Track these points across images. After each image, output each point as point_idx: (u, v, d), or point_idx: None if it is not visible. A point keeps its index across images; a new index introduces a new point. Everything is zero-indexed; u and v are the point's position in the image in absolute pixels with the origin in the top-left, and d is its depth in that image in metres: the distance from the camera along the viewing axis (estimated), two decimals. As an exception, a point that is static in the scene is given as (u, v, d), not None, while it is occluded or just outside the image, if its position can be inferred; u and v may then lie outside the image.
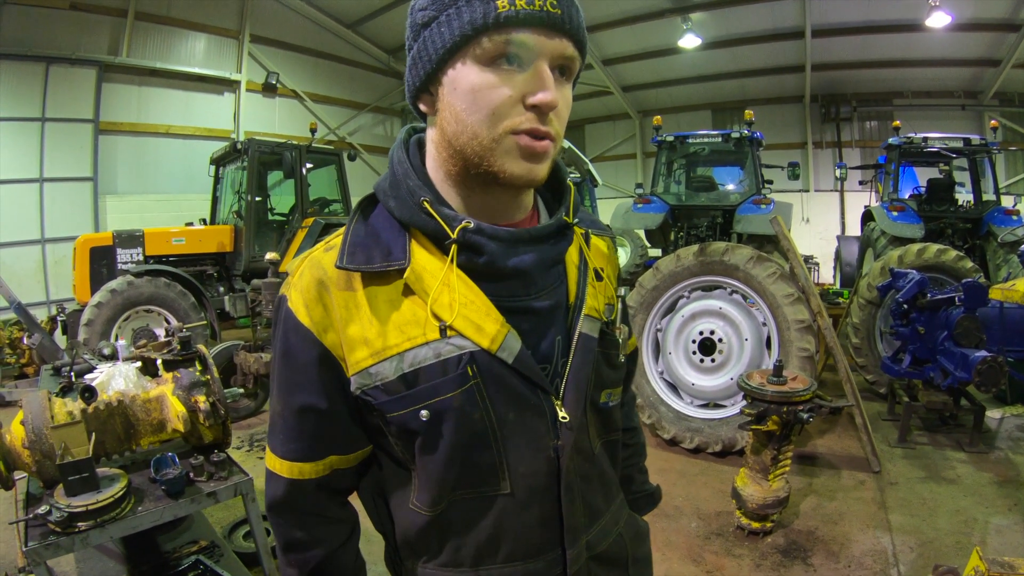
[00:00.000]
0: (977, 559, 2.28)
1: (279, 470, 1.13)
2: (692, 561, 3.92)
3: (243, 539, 3.97)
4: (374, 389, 1.03)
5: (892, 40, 13.66)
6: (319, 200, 10.73)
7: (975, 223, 8.95)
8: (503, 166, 0.97)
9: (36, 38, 10.84)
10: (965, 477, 5.04)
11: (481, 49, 0.92)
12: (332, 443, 1.11)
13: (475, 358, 1.01)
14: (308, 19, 15.53)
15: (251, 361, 6.06)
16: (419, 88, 1.04)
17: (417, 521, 1.10)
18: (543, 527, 1.11)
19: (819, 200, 16.75)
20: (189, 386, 2.76)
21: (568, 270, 1.15)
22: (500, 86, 0.93)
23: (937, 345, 5.67)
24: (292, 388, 1.08)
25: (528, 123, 0.95)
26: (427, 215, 1.02)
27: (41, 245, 11.14)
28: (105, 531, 2.31)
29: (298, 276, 1.07)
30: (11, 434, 2.39)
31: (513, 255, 1.03)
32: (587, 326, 1.12)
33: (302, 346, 1.05)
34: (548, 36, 0.93)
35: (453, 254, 1.01)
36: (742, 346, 5.48)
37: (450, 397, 1.01)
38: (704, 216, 9.28)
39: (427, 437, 1.03)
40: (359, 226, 1.08)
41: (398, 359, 1.01)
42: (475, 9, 0.91)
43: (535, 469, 1.08)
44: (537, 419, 1.07)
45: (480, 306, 1.02)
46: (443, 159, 1.05)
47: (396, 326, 1.02)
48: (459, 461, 1.04)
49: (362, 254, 1.03)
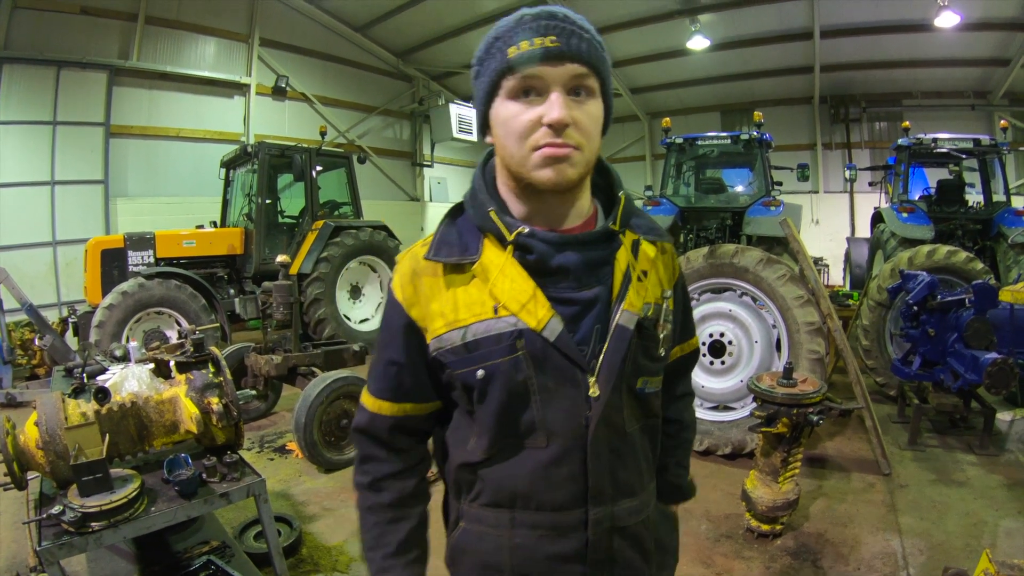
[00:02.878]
0: (987, 562, 2.28)
1: (367, 404, 1.46)
2: (702, 563, 3.91)
3: (254, 540, 3.99)
4: (445, 351, 1.32)
5: (901, 40, 13.58)
6: (329, 203, 10.78)
7: (985, 224, 8.90)
8: (534, 175, 1.22)
9: (47, 42, 10.90)
10: (975, 480, 5.02)
11: (507, 88, 1.20)
12: (408, 392, 1.41)
13: (523, 334, 1.26)
14: (317, 22, 15.55)
15: (262, 363, 6.07)
16: (483, 124, 1.32)
17: (471, 462, 1.36)
18: (571, 484, 1.32)
19: (828, 201, 16.69)
20: (202, 388, 2.78)
21: (615, 270, 1.34)
22: (522, 113, 1.19)
23: (947, 347, 5.64)
24: (385, 346, 1.41)
25: (544, 139, 1.18)
26: (491, 222, 1.29)
27: (52, 247, 11.19)
28: (118, 531, 2.33)
29: (400, 265, 1.39)
30: (25, 435, 2.41)
31: (559, 255, 1.28)
32: (624, 319, 1.31)
33: (395, 316, 1.38)
34: (554, 66, 1.17)
35: (509, 251, 1.28)
36: (752, 348, 5.48)
37: (500, 362, 1.27)
38: (713, 218, 9.26)
39: (480, 392, 1.30)
40: (447, 227, 1.38)
41: (464, 330, 1.30)
42: (496, 59, 1.20)
43: (567, 432, 1.30)
44: (572, 390, 1.29)
45: (531, 294, 1.26)
46: (504, 177, 1.34)
47: (465, 305, 1.30)
48: (505, 414, 1.30)
49: (445, 250, 1.33)
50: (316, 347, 6.57)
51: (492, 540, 1.37)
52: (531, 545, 1.34)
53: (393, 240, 10.76)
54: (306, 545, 4.15)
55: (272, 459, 5.78)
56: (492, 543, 1.37)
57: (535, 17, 1.18)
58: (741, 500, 4.25)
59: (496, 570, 1.38)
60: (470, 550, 1.41)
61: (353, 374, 5.58)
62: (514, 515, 1.35)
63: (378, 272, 10.82)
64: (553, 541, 1.34)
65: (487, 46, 1.24)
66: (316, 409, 5.20)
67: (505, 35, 1.20)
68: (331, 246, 9.69)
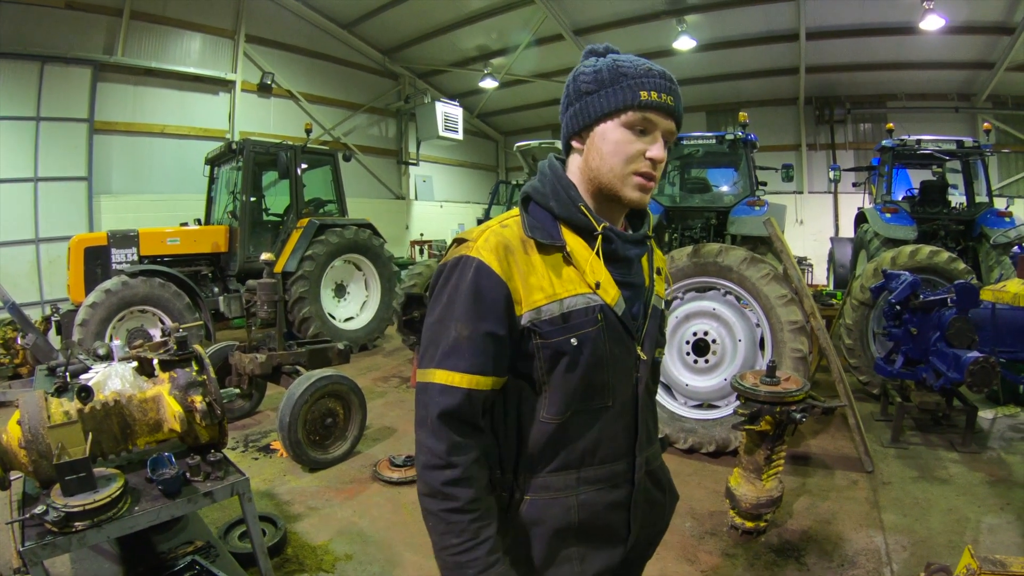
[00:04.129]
0: (969, 557, 2.30)
1: (458, 382, 1.44)
2: (686, 561, 3.93)
3: (239, 539, 3.97)
4: (542, 321, 1.47)
5: (886, 43, 13.70)
6: (314, 200, 10.75)
7: (968, 225, 9.00)
8: (625, 193, 1.50)
9: (31, 37, 10.81)
10: (957, 477, 5.07)
11: (626, 118, 1.46)
12: (500, 364, 1.48)
13: (603, 309, 1.52)
14: (304, 19, 15.51)
15: (246, 362, 6.04)
16: (575, 132, 1.55)
17: (545, 431, 1.52)
18: (626, 435, 1.61)
19: (813, 202, 16.83)
20: (186, 386, 2.76)
21: (643, 265, 1.68)
22: (634, 143, 1.47)
23: (930, 346, 5.70)
24: (481, 317, 1.44)
25: (645, 168, 1.48)
26: (582, 215, 1.53)
27: (35, 245, 11.09)
28: (102, 531, 2.31)
29: (483, 241, 1.49)
30: (7, 434, 2.39)
31: (627, 248, 1.59)
32: (656, 301, 1.67)
33: (492, 288, 1.45)
34: (664, 118, 1.48)
35: (599, 242, 1.53)
36: (735, 347, 5.51)
37: (590, 331, 1.50)
38: (698, 217, 9.29)
39: (572, 357, 1.48)
40: (528, 216, 1.56)
41: (560, 303, 1.48)
42: (627, 94, 1.44)
43: (625, 390, 1.59)
44: (628, 356, 1.58)
45: (607, 276, 1.54)
46: (583, 180, 1.57)
47: (561, 281, 1.50)
48: (587, 378, 1.51)
49: (538, 232, 1.52)
50: (300, 346, 6.54)
51: (561, 503, 1.54)
52: (593, 500, 1.56)
53: (378, 238, 10.76)
54: (291, 544, 4.13)
55: (256, 458, 5.75)
56: (560, 506, 1.53)
57: (661, 75, 1.47)
58: (725, 498, 4.27)
59: (565, 531, 1.54)
60: (541, 519, 1.54)
61: (337, 373, 5.56)
62: (580, 474, 1.55)
63: (363, 270, 10.81)
64: (610, 491, 1.58)
65: (613, 76, 1.47)
66: (300, 408, 5.18)
67: (636, 77, 1.45)
68: (316, 244, 9.67)
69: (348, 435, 5.69)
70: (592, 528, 1.56)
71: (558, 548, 1.55)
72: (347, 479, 5.27)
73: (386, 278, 10.90)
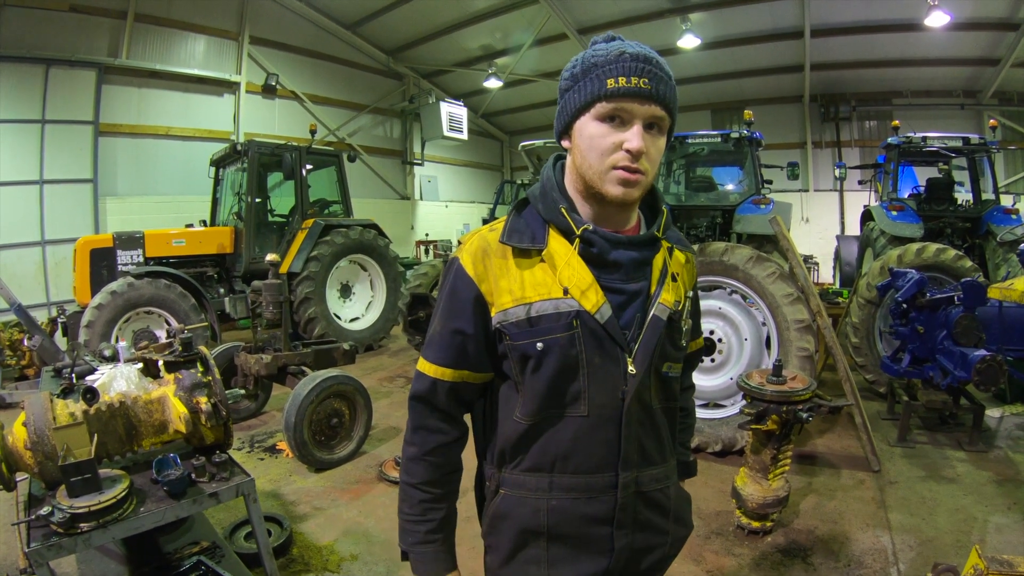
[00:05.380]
0: (976, 557, 2.29)
1: (427, 371, 1.59)
2: (692, 560, 3.93)
3: (244, 540, 3.98)
4: (509, 324, 1.49)
5: (891, 40, 13.63)
6: (319, 201, 10.76)
7: (974, 222, 8.96)
8: (606, 188, 1.43)
9: (36, 40, 10.83)
10: (964, 476, 5.05)
11: (598, 110, 1.40)
12: (468, 360, 1.56)
13: (580, 315, 1.46)
14: (308, 20, 15.52)
15: (252, 362, 6.04)
16: (563, 130, 1.52)
17: (517, 429, 1.53)
18: (605, 449, 1.52)
19: (818, 200, 16.76)
20: (191, 387, 2.77)
21: (653, 269, 1.57)
22: (607, 135, 1.40)
23: (936, 344, 5.68)
24: (452, 316, 1.54)
25: (623, 161, 1.39)
26: (562, 217, 1.50)
27: (41, 247, 11.12)
28: (107, 532, 2.32)
29: (469, 244, 1.56)
30: (13, 435, 2.40)
31: (615, 251, 1.50)
32: (658, 310, 1.54)
33: (464, 289, 1.52)
34: (641, 103, 1.38)
35: (576, 244, 1.49)
36: (741, 346, 5.49)
37: (558, 337, 1.46)
38: (703, 216, 9.26)
39: (537, 361, 1.48)
40: (515, 217, 1.57)
41: (528, 306, 1.48)
42: (595, 85, 1.39)
43: (606, 403, 1.50)
44: (614, 367, 1.49)
45: (589, 281, 1.48)
46: (574, 179, 1.53)
47: (531, 285, 1.49)
48: (556, 383, 1.48)
49: (516, 236, 1.52)
50: (306, 346, 6.54)
51: (531, 503, 1.55)
52: (566, 507, 1.53)
53: (383, 239, 10.76)
54: (297, 545, 4.14)
55: (262, 459, 5.76)
56: (531, 506, 1.55)
57: (633, 57, 1.38)
58: (731, 497, 4.26)
59: (534, 532, 1.55)
60: (510, 515, 1.58)
61: (343, 373, 5.57)
62: (552, 479, 1.53)
63: (368, 271, 10.81)
64: (586, 503, 1.53)
65: (585, 68, 1.43)
66: (306, 408, 5.19)
67: (605, 65, 1.39)
68: (321, 245, 9.67)
69: (354, 435, 5.69)
70: (565, 536, 1.55)
71: (523, 546, 1.58)
72: (353, 479, 5.28)
73: (391, 278, 10.90)
